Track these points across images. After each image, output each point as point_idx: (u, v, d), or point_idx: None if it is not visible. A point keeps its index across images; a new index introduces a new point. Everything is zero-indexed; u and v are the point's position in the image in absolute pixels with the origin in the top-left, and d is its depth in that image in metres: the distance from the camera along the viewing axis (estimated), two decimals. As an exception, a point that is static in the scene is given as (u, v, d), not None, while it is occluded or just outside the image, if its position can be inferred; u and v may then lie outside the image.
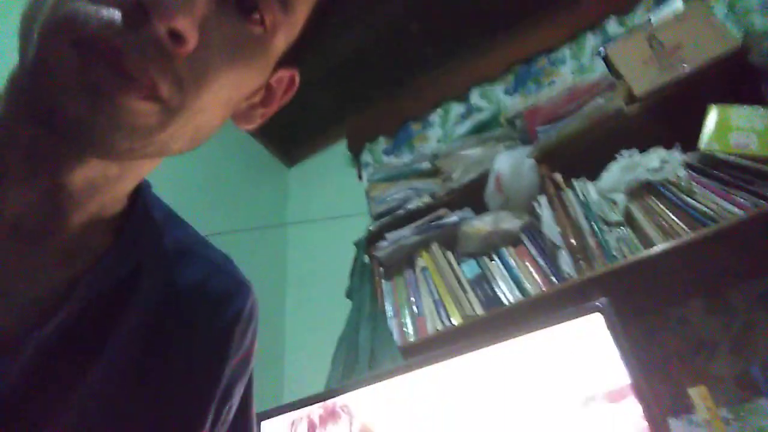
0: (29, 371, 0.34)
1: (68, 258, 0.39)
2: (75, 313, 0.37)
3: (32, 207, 0.37)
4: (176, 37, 0.31)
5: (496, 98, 1.98)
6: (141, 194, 0.46)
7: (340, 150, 2.34)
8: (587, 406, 0.88)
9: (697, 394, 1.12)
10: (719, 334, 1.35)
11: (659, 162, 1.34)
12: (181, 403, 0.43)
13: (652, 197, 1.34)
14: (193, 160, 1.73)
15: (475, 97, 2.03)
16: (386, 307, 1.60)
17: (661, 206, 1.31)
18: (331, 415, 1.16)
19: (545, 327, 0.95)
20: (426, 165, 1.78)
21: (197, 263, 0.49)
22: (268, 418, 1.20)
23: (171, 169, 0.50)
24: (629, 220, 1.35)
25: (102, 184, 0.39)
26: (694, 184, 1.28)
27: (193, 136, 0.38)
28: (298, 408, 1.18)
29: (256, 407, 0.54)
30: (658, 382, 1.29)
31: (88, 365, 0.37)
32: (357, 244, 1.78)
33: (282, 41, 0.40)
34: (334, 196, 2.25)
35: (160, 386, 0.42)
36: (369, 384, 1.14)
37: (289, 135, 2.41)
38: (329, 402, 1.16)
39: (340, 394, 1.16)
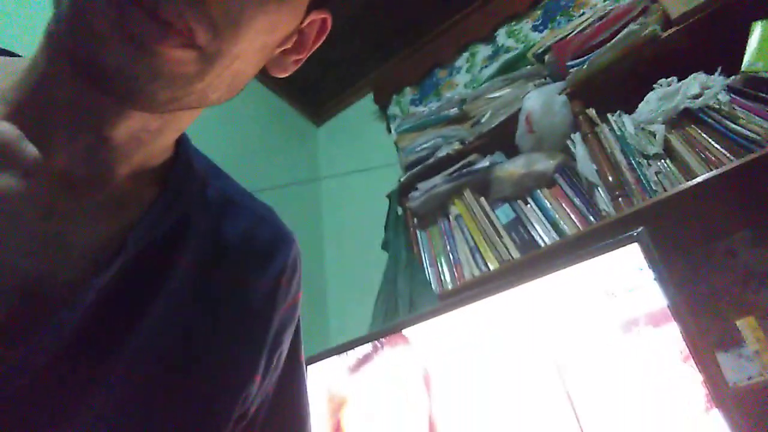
0: (88, 319, 0.35)
1: (117, 209, 0.40)
2: (128, 263, 0.38)
3: (79, 160, 0.38)
4: None
5: (524, 36, 1.89)
6: (182, 147, 0.46)
7: (367, 104, 2.31)
8: (628, 334, 0.87)
9: (745, 325, 1.09)
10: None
11: (699, 88, 1.27)
12: (234, 351, 0.44)
13: (693, 125, 1.27)
14: (223, 124, 1.75)
15: (502, 37, 1.95)
16: (422, 257, 1.61)
17: (703, 134, 1.25)
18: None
19: (580, 261, 0.93)
20: (454, 111, 1.74)
21: (241, 214, 0.49)
22: (316, 361, 1.25)
23: (201, 133, 0.51)
24: (669, 152, 1.30)
25: (144, 138, 0.40)
26: (737, 108, 1.22)
27: (230, 84, 0.38)
28: (343, 351, 1.22)
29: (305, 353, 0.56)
30: (706, 317, 1.27)
31: (141, 314, 0.38)
32: (389, 196, 1.78)
33: None
34: (364, 150, 2.24)
35: (213, 335, 0.43)
36: (410, 325, 1.16)
37: (315, 94, 2.40)
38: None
39: (383, 336, 1.19)
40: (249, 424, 0.47)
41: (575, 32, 1.52)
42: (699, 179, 1.18)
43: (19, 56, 0.44)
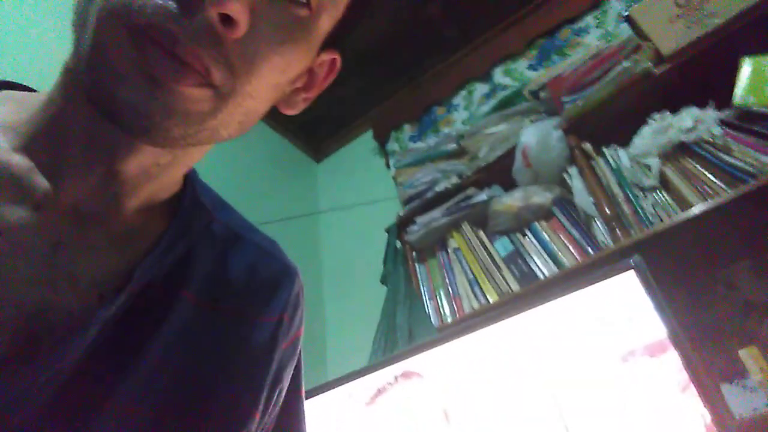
0: (92, 351, 0.35)
1: (124, 242, 0.41)
2: (134, 296, 0.38)
3: (90, 193, 0.39)
4: (228, 21, 0.32)
5: (521, 74, 1.95)
6: (190, 181, 0.47)
7: (366, 141, 2.35)
8: (626, 363, 0.86)
9: (748, 355, 1.08)
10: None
11: (692, 121, 1.30)
12: (235, 388, 0.44)
13: (688, 158, 1.29)
14: (224, 159, 1.78)
15: (499, 76, 2.00)
16: (422, 290, 1.60)
17: (698, 166, 1.27)
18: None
19: (577, 289, 0.93)
20: (452, 146, 1.77)
21: (246, 248, 0.50)
22: (314, 395, 1.23)
23: (203, 167, 0.52)
24: (665, 184, 1.31)
25: (154, 172, 0.41)
26: (730, 140, 1.23)
27: (242, 121, 0.39)
28: (341, 384, 1.20)
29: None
30: (709, 348, 1.25)
31: (144, 347, 0.38)
32: (388, 230, 1.79)
33: (326, 23, 0.41)
34: (363, 186, 2.26)
35: (214, 372, 0.43)
36: (407, 357, 1.15)
37: (315, 131, 2.44)
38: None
39: (382, 367, 1.18)
40: None
41: (570, 69, 1.56)
42: (695, 210, 1.19)
43: (35, 91, 0.45)
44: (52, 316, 0.35)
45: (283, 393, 0.50)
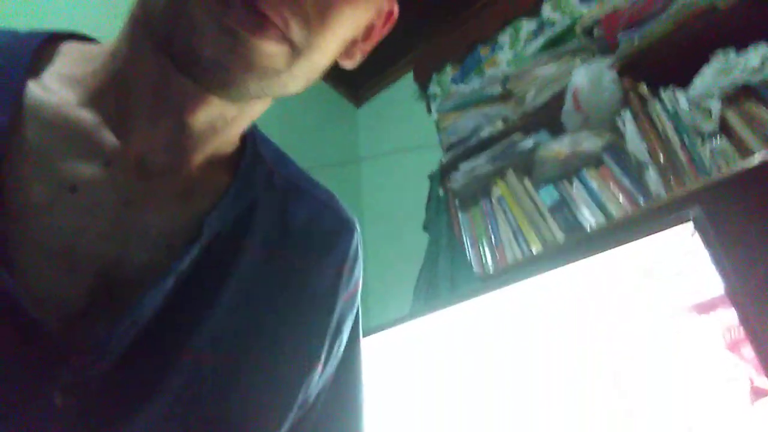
0: (167, 302, 0.37)
1: (189, 196, 0.41)
2: (203, 248, 0.39)
3: (157, 145, 0.39)
4: None
5: (571, 9, 1.81)
6: (251, 134, 0.48)
7: (406, 84, 2.28)
8: (682, 318, 0.84)
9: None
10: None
11: (760, 60, 1.20)
12: (299, 338, 0.45)
13: (753, 101, 1.20)
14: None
15: (547, 10, 1.87)
16: (464, 238, 1.60)
17: (764, 110, 1.18)
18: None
19: (632, 240, 0.90)
20: (497, 89, 1.70)
21: (306, 200, 0.50)
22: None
23: None
24: (725, 130, 1.23)
25: (220, 125, 0.41)
26: (804, 81, 1.14)
27: (309, 75, 0.39)
28: (383, 330, 1.24)
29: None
30: (762, 302, 1.21)
31: (214, 298, 0.40)
32: (431, 177, 1.77)
33: None
34: (404, 131, 2.22)
35: (279, 321, 0.44)
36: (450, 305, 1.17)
37: (354, 74, 2.38)
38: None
39: (424, 315, 1.20)
40: (309, 410, 0.48)
41: (627, 3, 1.44)
42: (758, 159, 1.12)
43: (97, 42, 0.45)
44: (125, 269, 0.36)
45: (343, 344, 0.51)
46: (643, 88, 1.37)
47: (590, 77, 1.43)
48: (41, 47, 0.40)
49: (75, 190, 0.35)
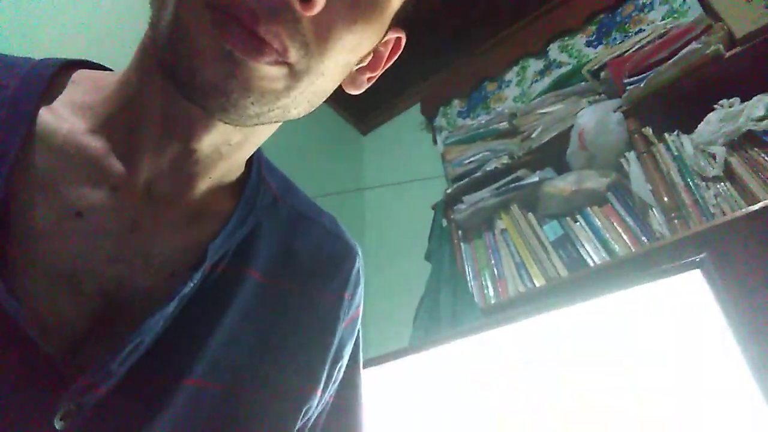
0: (171, 325, 0.37)
1: (194, 222, 0.42)
2: (206, 273, 0.40)
3: (163, 171, 0.40)
4: None
5: (578, 51, 1.87)
6: (257, 161, 0.48)
7: (413, 115, 2.32)
8: (687, 370, 0.85)
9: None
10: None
11: (764, 109, 1.23)
12: (299, 364, 0.46)
13: (756, 148, 1.23)
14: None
15: (554, 52, 1.93)
16: (466, 270, 1.60)
17: (766, 157, 1.21)
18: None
19: (638, 284, 0.91)
20: (504, 125, 1.73)
21: (310, 228, 0.51)
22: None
23: None
24: (729, 175, 1.26)
25: (226, 151, 0.42)
26: (805, 131, 1.17)
27: (311, 100, 0.39)
28: (382, 362, 1.22)
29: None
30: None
31: (216, 324, 0.40)
32: (435, 207, 1.78)
33: (397, 1, 0.40)
34: (409, 161, 2.24)
35: (280, 347, 0.44)
36: (452, 340, 1.16)
37: (362, 102, 2.42)
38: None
39: (426, 349, 1.20)
40: (310, 431, 0.48)
41: (633, 49, 1.49)
42: (762, 204, 1.14)
43: (110, 69, 0.46)
44: (128, 294, 0.36)
45: (343, 369, 0.51)
46: (649, 132, 1.41)
47: (596, 118, 1.46)
48: (56, 75, 0.41)
49: (81, 216, 0.36)
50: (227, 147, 0.41)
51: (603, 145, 1.44)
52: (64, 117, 0.39)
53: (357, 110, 2.46)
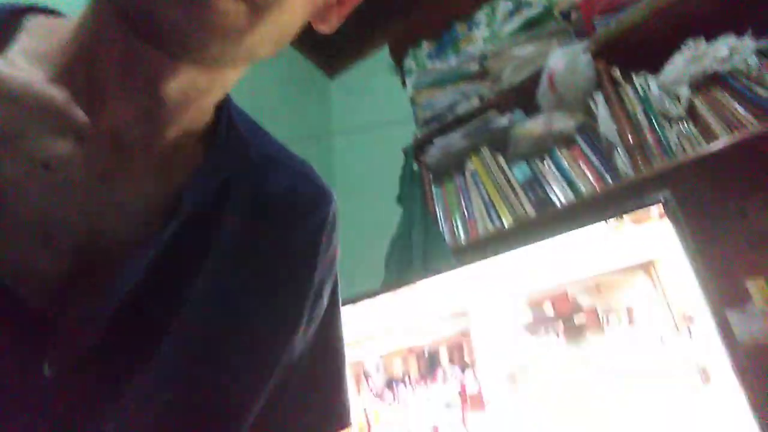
0: (152, 273, 0.37)
1: (165, 170, 0.41)
2: (183, 221, 0.39)
3: (130, 119, 0.38)
4: None
5: (547, -9, 1.85)
6: (225, 106, 0.47)
7: (382, 58, 2.28)
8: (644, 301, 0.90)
9: (754, 285, 1.12)
10: (780, 229, 1.32)
11: (728, 50, 1.26)
12: (281, 304, 0.46)
13: (719, 89, 1.27)
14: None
15: (524, -9, 1.90)
16: (437, 212, 1.63)
17: (728, 98, 1.25)
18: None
19: (603, 219, 0.95)
20: (474, 67, 1.72)
21: (283, 171, 0.50)
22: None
23: None
24: (692, 115, 1.30)
25: (193, 96, 0.40)
26: (766, 72, 1.21)
27: (278, 39, 0.37)
28: (354, 302, 1.25)
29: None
30: (716, 276, 1.30)
31: (195, 271, 0.40)
32: (405, 151, 1.78)
33: None
34: (378, 105, 2.22)
35: (261, 290, 0.45)
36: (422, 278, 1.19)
37: (329, 45, 2.35)
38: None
39: (398, 288, 1.22)
40: (291, 372, 0.49)
41: (604, -11, 1.48)
42: (721, 143, 1.19)
43: (62, 15, 0.43)
44: (105, 244, 0.36)
45: (323, 308, 0.53)
46: (616, 73, 1.43)
47: (566, 60, 1.47)
48: (4, 22, 0.39)
49: (48, 168, 0.35)
50: (194, 92, 0.40)
51: (572, 87, 1.45)
52: (20, 67, 0.37)
53: (323, 53, 2.39)
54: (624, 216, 0.97)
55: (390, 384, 1.20)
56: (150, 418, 0.37)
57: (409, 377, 1.18)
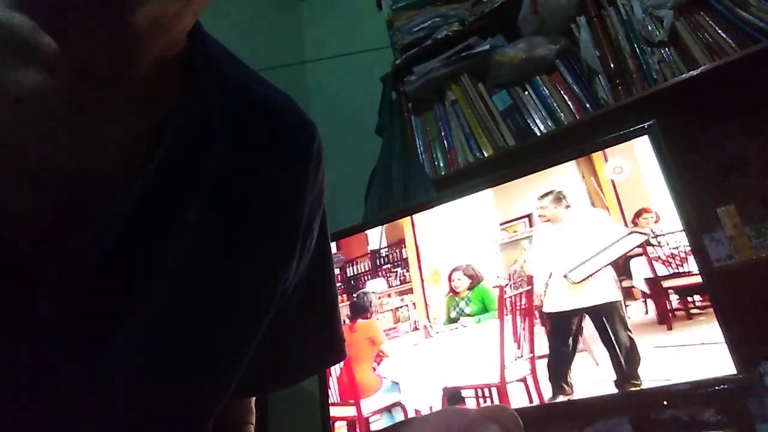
0: (137, 210, 0.36)
1: (143, 102, 0.39)
2: (167, 154, 0.38)
3: (99, 49, 0.36)
4: None
5: None
6: (198, 34, 0.44)
7: (355, -25, 2.16)
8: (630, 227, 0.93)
9: (725, 212, 1.16)
10: (751, 155, 1.35)
11: (714, -29, 1.23)
12: (271, 238, 0.46)
13: (702, 12, 1.25)
14: None
15: None
16: (417, 142, 1.61)
17: (710, 22, 1.24)
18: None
19: (591, 151, 0.96)
20: (454, -13, 1.64)
21: (262, 103, 0.49)
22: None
23: None
24: (674, 40, 1.28)
25: (165, 23, 0.38)
26: (750, -6, 1.19)
27: None
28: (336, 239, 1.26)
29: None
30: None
31: (184, 206, 0.39)
32: (384, 80, 1.73)
33: None
34: (352, 28, 2.12)
35: (251, 222, 0.44)
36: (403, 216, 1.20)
37: (297, -39, 2.21)
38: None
39: (378, 225, 1.24)
40: (286, 303, 0.50)
41: None
42: (700, 70, 1.19)
43: None
44: (90, 180, 0.35)
45: (314, 242, 0.53)
46: (600, -6, 1.38)
47: (549, -20, 1.41)
48: None
49: (19, 102, 0.33)
50: (164, 18, 0.37)
51: (555, 8, 1.41)
52: None
53: (292, -29, 2.25)
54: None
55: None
56: (144, 359, 0.37)
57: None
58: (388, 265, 1.20)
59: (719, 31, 1.22)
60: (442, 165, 1.57)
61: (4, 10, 0.34)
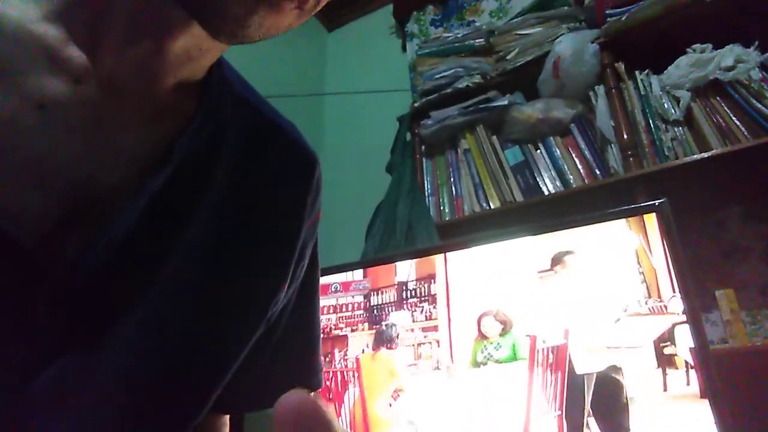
0: (140, 221, 0.37)
1: (159, 118, 0.41)
2: (175, 170, 0.40)
3: (129, 66, 0.38)
4: None
5: (562, -29, 1.81)
6: (219, 63, 0.47)
7: (384, 16, 2.22)
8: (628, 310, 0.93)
9: (723, 295, 1.17)
10: (753, 241, 1.37)
11: (733, 60, 1.27)
12: (267, 259, 0.48)
13: (718, 97, 1.28)
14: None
15: (538, -32, 1.86)
16: (425, 185, 1.63)
17: (726, 108, 1.27)
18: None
19: (598, 222, 0.97)
20: (480, 42, 1.69)
21: (272, 130, 0.51)
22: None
23: None
24: (689, 120, 1.31)
25: (195, 54, 0.41)
26: (766, 87, 1.22)
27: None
28: (332, 273, 1.26)
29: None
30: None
31: (187, 219, 0.41)
32: (401, 120, 1.76)
33: None
34: (375, 65, 2.17)
35: (248, 242, 0.46)
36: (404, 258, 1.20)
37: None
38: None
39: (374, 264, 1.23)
40: (272, 327, 0.51)
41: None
42: (712, 152, 1.21)
43: None
44: (97, 189, 0.36)
45: (305, 268, 0.55)
46: (621, 67, 1.42)
47: (574, 48, 1.45)
48: None
49: (43, 108, 0.34)
50: (197, 51, 0.40)
51: (576, 76, 1.44)
52: (12, 3, 0.36)
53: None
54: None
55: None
56: (131, 364, 0.38)
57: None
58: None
59: (733, 118, 1.25)
60: (447, 210, 1.58)
61: (39, 21, 0.36)
